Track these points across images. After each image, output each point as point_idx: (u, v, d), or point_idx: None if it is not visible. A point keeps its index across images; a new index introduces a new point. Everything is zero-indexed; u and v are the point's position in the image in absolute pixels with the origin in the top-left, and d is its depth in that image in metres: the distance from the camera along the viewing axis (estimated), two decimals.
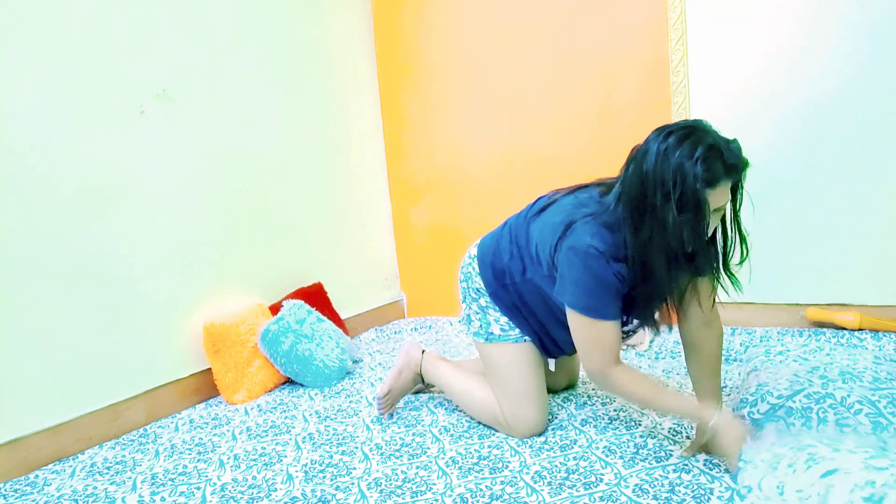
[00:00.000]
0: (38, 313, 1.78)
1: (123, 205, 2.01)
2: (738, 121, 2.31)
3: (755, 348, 1.82)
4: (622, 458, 1.48)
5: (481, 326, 1.69)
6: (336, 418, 1.92)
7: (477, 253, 1.72)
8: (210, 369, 2.20)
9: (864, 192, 2.18)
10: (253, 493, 1.47)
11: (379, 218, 3.22)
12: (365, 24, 3.13)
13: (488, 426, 1.73)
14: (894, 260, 2.17)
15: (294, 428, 1.87)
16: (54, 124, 1.83)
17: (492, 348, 1.68)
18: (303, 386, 2.26)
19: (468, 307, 1.74)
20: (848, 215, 2.21)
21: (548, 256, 1.49)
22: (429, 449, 1.63)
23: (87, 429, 1.86)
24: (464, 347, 2.58)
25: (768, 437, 1.22)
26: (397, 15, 3.09)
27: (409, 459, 1.58)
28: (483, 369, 1.76)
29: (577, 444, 1.57)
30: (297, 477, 1.54)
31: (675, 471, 1.39)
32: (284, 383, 2.31)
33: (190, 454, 1.74)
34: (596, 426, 1.67)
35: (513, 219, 1.68)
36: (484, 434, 1.69)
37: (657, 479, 1.36)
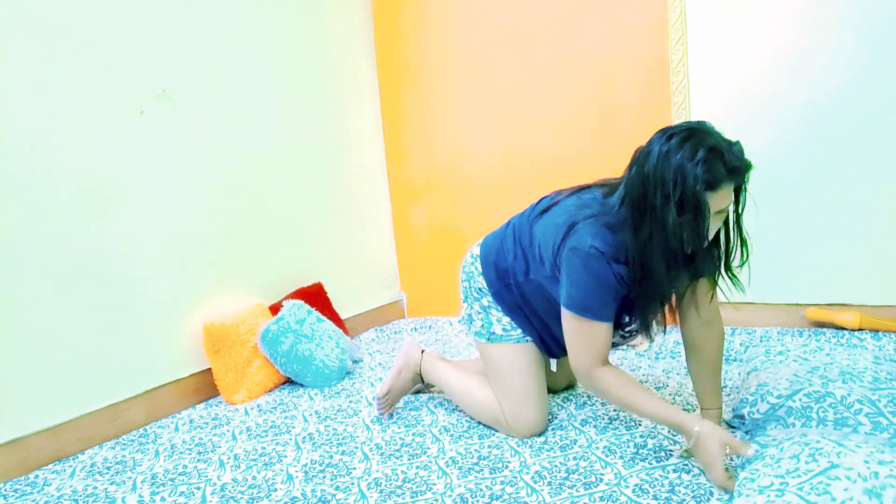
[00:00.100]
0: (38, 313, 1.78)
1: (123, 205, 2.01)
2: (738, 121, 2.31)
3: (755, 348, 1.82)
4: (622, 458, 1.48)
5: (483, 326, 1.69)
6: (336, 418, 1.92)
7: (480, 253, 1.72)
8: (210, 369, 2.20)
9: (863, 192, 2.18)
10: (253, 493, 1.47)
11: (379, 218, 3.22)
12: (365, 24, 3.13)
13: (488, 426, 1.73)
14: (894, 260, 2.17)
15: (294, 428, 1.87)
16: (54, 124, 1.83)
17: (493, 348, 1.68)
18: (303, 386, 2.26)
19: (470, 307, 1.74)
20: (848, 215, 2.21)
21: (551, 257, 1.49)
22: (429, 449, 1.63)
23: (87, 429, 1.86)
24: (464, 347, 2.58)
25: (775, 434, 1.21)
26: (397, 15, 3.09)
27: (409, 459, 1.58)
28: (483, 369, 1.76)
29: (577, 444, 1.57)
30: (297, 477, 1.53)
31: (675, 471, 1.39)
32: (284, 383, 2.31)
33: (190, 454, 1.74)
34: (596, 426, 1.67)
35: (516, 218, 1.68)
36: (484, 434, 1.69)
37: (657, 479, 1.36)
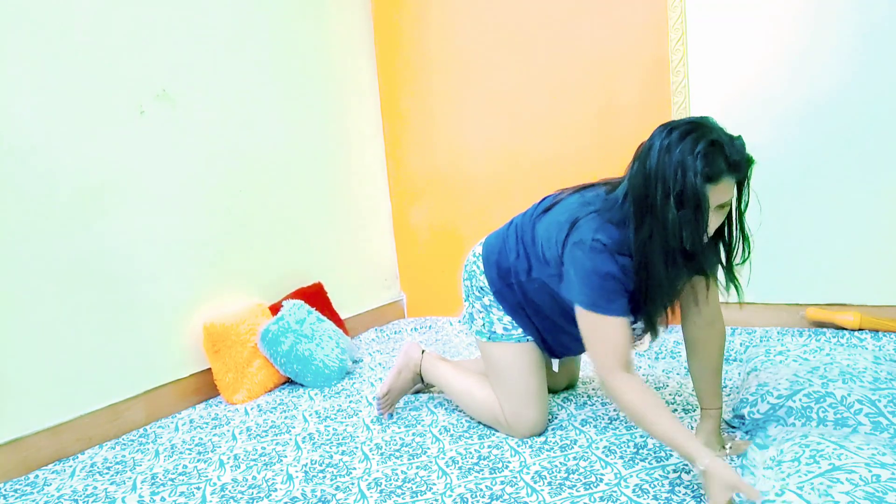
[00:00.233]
0: (38, 313, 1.78)
1: (123, 205, 2.01)
2: (738, 121, 2.30)
3: (755, 348, 1.82)
4: (622, 458, 1.48)
5: (484, 325, 1.69)
6: (336, 418, 1.92)
7: (482, 251, 1.72)
8: (210, 369, 2.20)
9: (863, 192, 2.18)
10: (253, 493, 1.47)
11: (379, 218, 3.22)
12: (365, 24, 3.13)
13: (488, 426, 1.73)
14: (894, 260, 2.17)
15: (294, 428, 1.87)
16: (54, 124, 1.83)
17: (494, 347, 1.68)
18: (303, 386, 2.26)
19: (471, 305, 1.74)
20: (848, 215, 2.21)
21: (555, 255, 1.48)
22: (429, 449, 1.63)
23: (87, 429, 1.86)
24: (464, 347, 2.58)
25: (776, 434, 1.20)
26: (397, 15, 3.09)
27: (409, 459, 1.58)
28: (483, 369, 1.76)
29: (577, 444, 1.57)
30: (297, 477, 1.53)
31: (675, 471, 1.39)
32: (284, 383, 2.31)
33: (190, 454, 1.74)
34: (596, 426, 1.67)
35: (518, 218, 1.68)
36: (484, 434, 1.69)
37: (657, 479, 1.36)
